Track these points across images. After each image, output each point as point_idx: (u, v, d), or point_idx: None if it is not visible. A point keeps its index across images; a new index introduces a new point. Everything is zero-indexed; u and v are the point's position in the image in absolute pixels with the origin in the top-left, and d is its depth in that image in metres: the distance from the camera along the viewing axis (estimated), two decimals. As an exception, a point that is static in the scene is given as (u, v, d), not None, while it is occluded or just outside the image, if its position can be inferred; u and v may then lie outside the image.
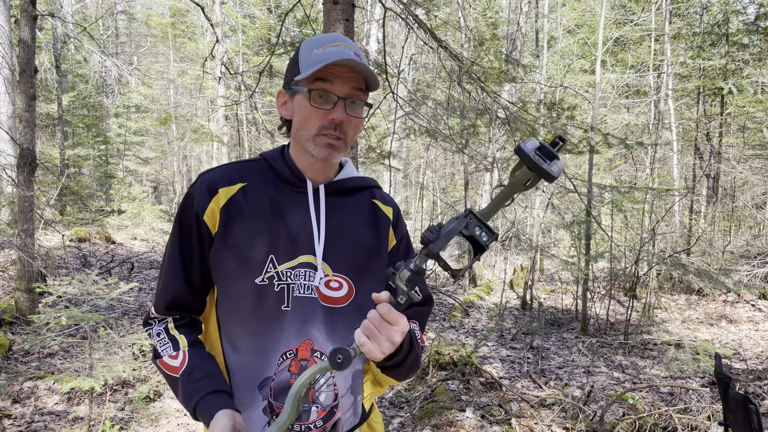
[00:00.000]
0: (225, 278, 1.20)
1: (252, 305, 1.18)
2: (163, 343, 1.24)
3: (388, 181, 11.61)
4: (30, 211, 5.52)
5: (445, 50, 4.82)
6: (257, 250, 1.18)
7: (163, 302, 1.24)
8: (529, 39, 17.30)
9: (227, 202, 1.20)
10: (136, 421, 3.58)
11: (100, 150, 17.75)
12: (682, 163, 14.08)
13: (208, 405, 1.13)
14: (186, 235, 1.22)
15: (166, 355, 1.22)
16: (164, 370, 1.22)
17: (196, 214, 1.20)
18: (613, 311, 7.93)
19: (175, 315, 1.26)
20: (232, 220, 1.20)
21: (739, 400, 1.71)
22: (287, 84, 1.22)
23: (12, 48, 8.47)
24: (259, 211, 1.21)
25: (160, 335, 1.24)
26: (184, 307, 1.25)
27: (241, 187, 1.22)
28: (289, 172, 1.24)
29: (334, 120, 1.16)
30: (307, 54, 1.18)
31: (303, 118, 1.20)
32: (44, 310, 3.24)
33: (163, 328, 1.25)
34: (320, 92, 1.16)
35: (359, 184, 1.32)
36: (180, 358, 1.21)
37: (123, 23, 25.44)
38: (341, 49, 1.17)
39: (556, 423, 3.89)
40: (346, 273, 1.24)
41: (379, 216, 1.33)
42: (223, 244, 1.19)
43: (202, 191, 1.21)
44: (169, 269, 1.24)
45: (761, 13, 12.24)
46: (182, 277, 1.23)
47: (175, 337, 1.24)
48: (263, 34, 18.35)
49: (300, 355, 1.19)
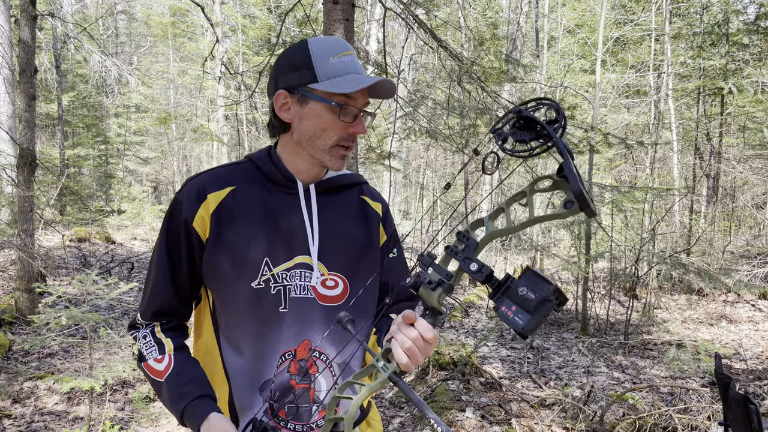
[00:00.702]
0: (220, 283, 1.20)
1: (249, 309, 1.18)
2: (149, 346, 1.23)
3: (388, 181, 11.61)
4: (30, 211, 5.52)
5: (445, 50, 4.82)
6: (251, 253, 1.18)
7: (151, 310, 1.24)
8: (529, 39, 17.30)
9: (217, 207, 1.19)
10: (136, 421, 3.58)
11: (100, 150, 17.74)
12: (682, 163, 14.08)
13: (197, 408, 1.13)
14: (174, 241, 1.21)
15: (152, 358, 1.22)
16: (149, 374, 1.22)
17: (185, 220, 1.19)
18: (613, 311, 7.93)
19: (162, 321, 1.26)
20: (223, 225, 1.19)
21: (739, 400, 1.71)
22: (295, 88, 1.17)
23: (12, 48, 8.47)
24: (250, 214, 1.20)
25: (147, 338, 1.24)
26: (171, 313, 1.25)
27: (231, 190, 1.21)
28: (279, 173, 1.23)
29: (355, 133, 1.18)
30: (323, 62, 1.15)
31: (321, 128, 1.17)
32: (44, 310, 3.24)
33: (150, 331, 1.25)
34: (347, 107, 1.16)
35: (347, 181, 1.32)
36: (165, 362, 1.21)
37: (123, 23, 25.45)
38: (353, 61, 1.18)
39: (556, 423, 3.88)
40: (341, 271, 1.24)
41: (369, 212, 1.34)
42: (215, 249, 1.18)
43: (191, 197, 1.19)
44: (156, 276, 1.23)
45: (761, 12, 12.24)
46: (170, 284, 1.22)
47: (161, 340, 1.24)
48: (263, 34, 18.35)
49: (299, 355, 1.19)
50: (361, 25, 13.34)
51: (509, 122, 0.88)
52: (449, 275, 0.93)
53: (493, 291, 0.87)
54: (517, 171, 10.19)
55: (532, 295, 0.82)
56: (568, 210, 0.83)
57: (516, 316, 0.83)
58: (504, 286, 0.86)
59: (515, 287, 0.84)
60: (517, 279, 0.85)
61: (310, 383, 1.20)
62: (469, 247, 0.90)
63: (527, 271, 0.86)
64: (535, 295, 0.82)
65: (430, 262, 0.93)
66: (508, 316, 0.84)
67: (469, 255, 0.89)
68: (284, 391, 1.18)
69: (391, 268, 1.36)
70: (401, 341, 0.95)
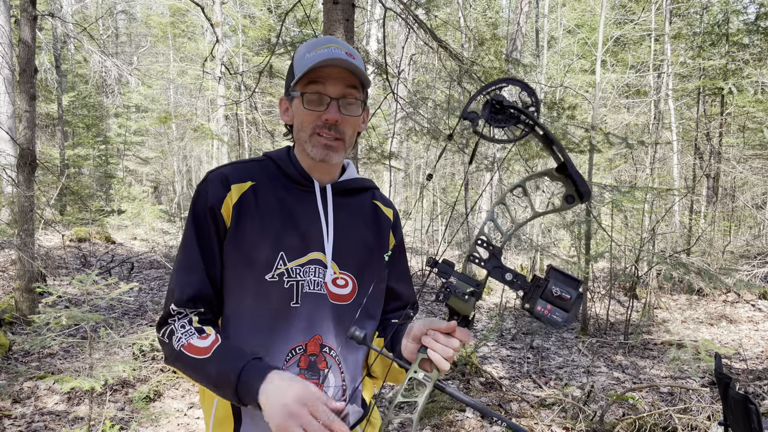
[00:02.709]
0: (234, 274, 1.21)
1: (260, 301, 1.19)
2: (189, 333, 1.15)
3: (388, 181, 11.61)
4: (30, 211, 5.52)
5: (445, 50, 4.82)
6: (267, 247, 1.19)
7: (187, 295, 1.17)
8: (529, 39, 17.30)
9: (239, 199, 1.21)
10: (136, 421, 3.58)
11: (100, 150, 17.74)
12: (682, 163, 14.08)
13: (254, 370, 1.06)
14: (205, 229, 1.20)
15: (194, 338, 1.14)
16: (191, 355, 1.12)
17: (211, 207, 1.19)
18: (613, 311, 7.93)
19: (200, 309, 1.19)
20: (243, 218, 1.20)
21: (739, 400, 1.71)
22: (287, 91, 1.26)
23: (12, 48, 8.47)
24: (268, 210, 1.22)
25: (185, 327, 1.16)
26: (208, 301, 1.20)
27: (252, 185, 1.23)
28: (297, 172, 1.26)
29: (328, 120, 1.18)
30: (300, 59, 1.21)
31: (299, 120, 1.23)
32: (44, 310, 3.24)
33: (187, 320, 1.17)
34: (313, 95, 1.19)
35: (361, 185, 1.35)
36: (212, 338, 1.14)
37: (123, 23, 25.45)
38: (331, 50, 1.18)
39: (556, 423, 3.88)
40: (351, 271, 1.26)
41: (381, 217, 1.36)
42: (233, 241, 1.20)
43: (216, 185, 1.21)
44: (187, 264, 1.19)
45: (761, 12, 12.24)
46: (203, 271, 1.18)
47: (201, 327, 1.16)
48: (263, 34, 18.35)
49: (309, 350, 1.20)
50: (361, 25, 13.34)
51: (484, 108, 0.89)
52: (478, 284, 0.95)
53: (526, 293, 0.91)
54: (517, 171, 10.19)
55: (567, 295, 0.89)
56: (568, 204, 0.88)
57: (553, 315, 0.90)
58: (537, 288, 0.91)
59: (548, 288, 0.90)
60: (544, 279, 0.90)
61: (320, 379, 1.20)
62: (495, 256, 0.93)
63: (551, 270, 0.90)
64: (570, 295, 0.89)
65: (452, 271, 0.95)
66: (545, 315, 0.90)
67: (498, 264, 0.92)
68: None
69: (397, 274, 1.38)
70: (442, 351, 1.00)
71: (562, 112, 5.40)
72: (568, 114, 5.43)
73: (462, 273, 0.96)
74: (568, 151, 5.10)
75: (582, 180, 0.86)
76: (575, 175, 0.86)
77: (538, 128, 0.86)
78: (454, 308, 0.97)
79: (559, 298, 0.88)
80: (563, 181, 0.88)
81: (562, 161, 0.86)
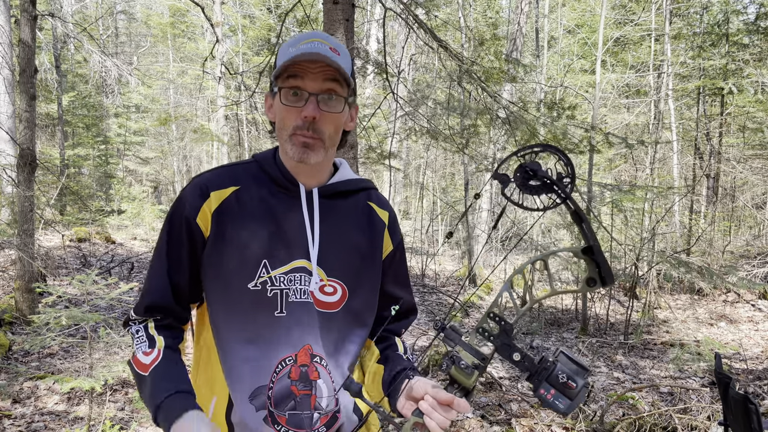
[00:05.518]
0: (217, 283, 1.18)
1: (244, 311, 1.16)
2: (140, 341, 1.19)
3: (388, 181, 11.61)
4: (30, 211, 5.51)
5: (445, 50, 4.82)
6: (250, 253, 1.16)
7: (144, 304, 1.20)
8: (529, 39, 17.31)
9: (219, 206, 1.18)
10: (136, 421, 3.58)
11: (100, 150, 17.73)
12: (682, 163, 14.08)
13: (176, 402, 1.07)
14: (175, 239, 1.19)
15: (140, 351, 1.17)
16: (135, 369, 1.17)
17: (186, 217, 1.17)
18: (613, 311, 7.93)
19: (156, 317, 1.22)
20: (224, 225, 1.17)
21: (739, 400, 1.71)
22: (270, 88, 1.20)
23: (12, 48, 8.47)
24: (251, 215, 1.18)
25: (139, 333, 1.20)
26: (165, 311, 1.21)
27: (234, 190, 1.19)
28: (281, 175, 1.21)
29: (306, 118, 1.12)
30: (283, 54, 1.15)
31: (280, 118, 1.17)
32: (44, 310, 3.24)
33: (143, 326, 1.21)
34: (291, 89, 1.13)
35: (354, 186, 1.29)
36: (153, 356, 1.16)
37: (123, 23, 25.45)
38: (313, 45, 1.12)
39: (556, 423, 3.89)
40: (341, 278, 1.22)
41: (374, 219, 1.30)
42: (215, 248, 1.17)
43: (194, 195, 1.18)
44: (153, 272, 1.21)
45: (761, 12, 12.24)
46: (166, 281, 1.19)
47: (153, 336, 1.19)
48: (263, 34, 18.36)
49: (300, 360, 1.17)
50: (361, 25, 13.35)
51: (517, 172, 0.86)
52: (484, 358, 0.93)
53: (531, 375, 0.90)
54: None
55: (573, 384, 0.87)
56: (589, 287, 0.87)
57: (556, 400, 0.88)
58: (543, 371, 0.89)
59: (554, 373, 0.88)
60: (552, 362, 0.89)
61: (312, 389, 1.18)
62: (505, 332, 0.90)
63: (561, 354, 0.89)
64: (576, 384, 0.87)
65: (459, 339, 0.93)
66: (548, 399, 0.88)
67: (507, 341, 0.90)
68: (284, 398, 1.16)
69: (395, 277, 1.34)
70: (440, 422, 0.98)
71: (562, 112, 5.40)
72: (568, 114, 5.43)
73: (468, 344, 0.94)
74: (568, 152, 5.02)
75: (607, 266, 0.84)
76: (601, 260, 0.84)
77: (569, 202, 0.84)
78: (456, 379, 0.95)
79: (565, 385, 0.87)
80: (587, 262, 0.87)
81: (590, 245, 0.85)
